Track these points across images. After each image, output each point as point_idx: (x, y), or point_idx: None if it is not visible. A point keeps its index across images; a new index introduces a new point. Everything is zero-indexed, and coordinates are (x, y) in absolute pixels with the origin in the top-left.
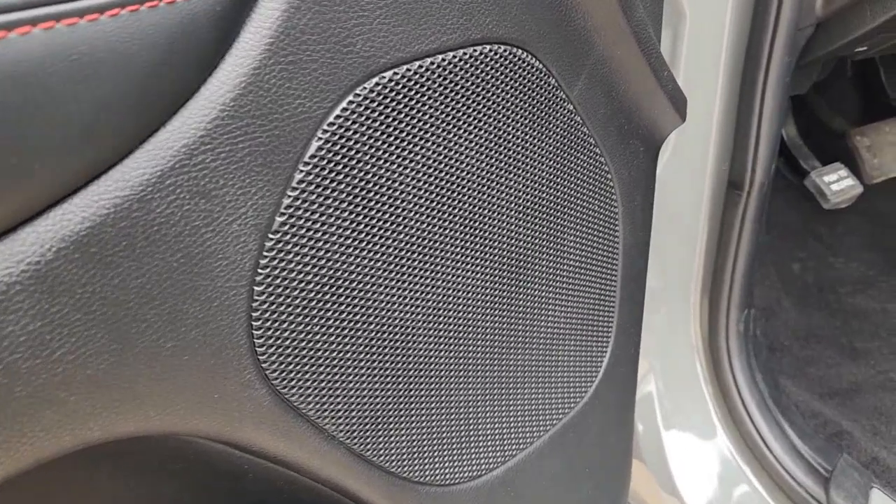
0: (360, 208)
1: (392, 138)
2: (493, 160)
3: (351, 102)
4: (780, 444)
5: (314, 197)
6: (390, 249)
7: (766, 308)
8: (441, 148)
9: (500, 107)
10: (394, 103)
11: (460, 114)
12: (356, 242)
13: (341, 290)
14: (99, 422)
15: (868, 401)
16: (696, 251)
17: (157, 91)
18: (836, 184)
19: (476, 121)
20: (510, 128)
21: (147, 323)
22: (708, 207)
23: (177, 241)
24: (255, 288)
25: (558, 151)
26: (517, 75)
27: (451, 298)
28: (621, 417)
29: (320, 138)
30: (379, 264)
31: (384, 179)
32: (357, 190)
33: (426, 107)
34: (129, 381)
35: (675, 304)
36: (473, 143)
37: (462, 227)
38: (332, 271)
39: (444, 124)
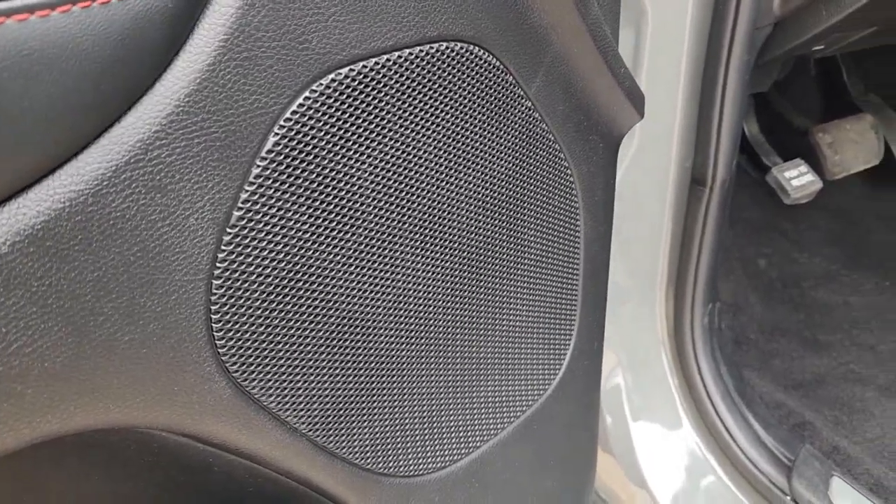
0: (317, 203)
1: (349, 134)
2: (452, 156)
3: (307, 98)
4: (744, 435)
5: (272, 192)
6: (349, 243)
7: (733, 303)
8: (398, 144)
9: (458, 104)
10: (350, 99)
11: (417, 110)
12: (314, 236)
13: (300, 283)
14: (57, 414)
15: (830, 392)
16: (661, 246)
17: (110, 87)
18: (797, 179)
19: (433, 117)
20: (468, 124)
21: (104, 316)
22: (672, 203)
23: (133, 235)
24: (214, 282)
25: (517, 147)
26: (474, 73)
27: (411, 291)
28: (586, 409)
29: (277, 133)
30: (338, 258)
31: (341, 174)
32: (314, 185)
33: (382, 103)
34: (88, 373)
35: (641, 298)
36: (431, 140)
37: (420, 222)
38: (290, 265)
39: (401, 121)
